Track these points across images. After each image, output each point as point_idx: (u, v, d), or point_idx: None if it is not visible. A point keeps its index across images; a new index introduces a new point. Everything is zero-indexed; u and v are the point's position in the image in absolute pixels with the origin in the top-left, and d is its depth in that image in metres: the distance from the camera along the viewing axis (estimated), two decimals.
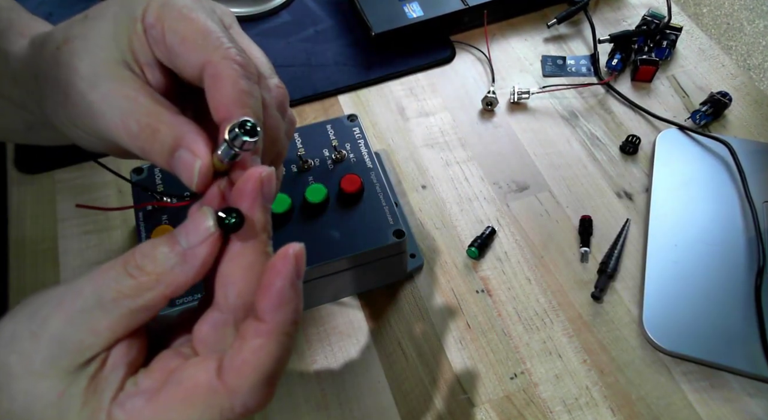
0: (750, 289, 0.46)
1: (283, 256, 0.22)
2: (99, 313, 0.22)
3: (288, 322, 0.22)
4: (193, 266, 0.22)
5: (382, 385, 0.43)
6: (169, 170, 0.25)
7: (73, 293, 0.22)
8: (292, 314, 0.22)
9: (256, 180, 0.23)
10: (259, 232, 0.24)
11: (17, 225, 0.51)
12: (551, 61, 0.62)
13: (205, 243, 0.22)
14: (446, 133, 0.57)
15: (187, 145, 0.24)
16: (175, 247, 0.22)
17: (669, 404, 0.43)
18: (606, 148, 0.56)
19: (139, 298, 0.22)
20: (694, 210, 0.51)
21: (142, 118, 0.24)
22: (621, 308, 0.47)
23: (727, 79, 0.61)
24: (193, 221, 0.23)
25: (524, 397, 0.43)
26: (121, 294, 0.22)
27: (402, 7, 0.62)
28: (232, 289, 0.23)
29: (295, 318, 0.23)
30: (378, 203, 0.44)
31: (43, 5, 0.65)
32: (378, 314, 0.46)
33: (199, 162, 0.24)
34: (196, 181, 0.24)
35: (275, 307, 0.22)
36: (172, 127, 0.25)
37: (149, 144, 0.25)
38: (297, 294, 0.23)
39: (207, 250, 0.22)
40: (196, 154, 0.24)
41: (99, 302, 0.22)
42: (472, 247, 0.49)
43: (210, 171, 0.24)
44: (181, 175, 0.25)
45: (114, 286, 0.22)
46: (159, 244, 0.23)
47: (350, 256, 0.42)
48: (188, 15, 0.25)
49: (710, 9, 1.81)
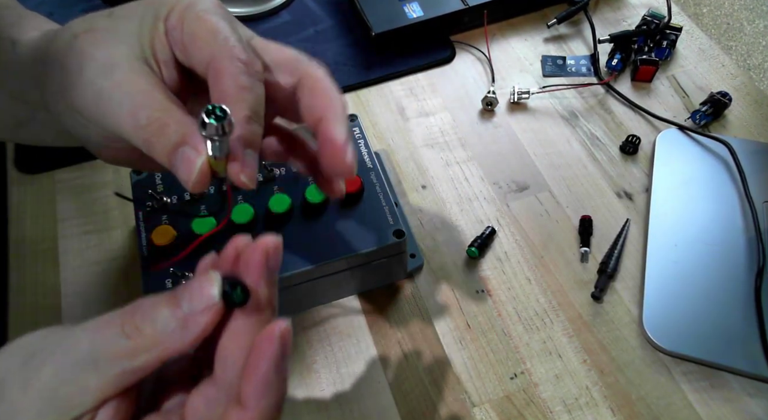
0: (750, 289, 0.46)
1: (268, 336, 0.22)
2: (91, 370, 0.21)
3: (271, 408, 0.22)
4: (191, 333, 0.22)
5: (382, 385, 0.43)
6: (166, 165, 0.25)
7: (69, 344, 0.22)
8: (275, 398, 0.22)
9: (261, 252, 0.23)
10: (264, 309, 0.24)
11: (17, 225, 0.51)
12: (551, 61, 0.62)
13: (207, 312, 0.22)
14: (446, 133, 0.57)
15: (192, 143, 0.24)
16: (176, 310, 0.22)
17: (669, 404, 0.43)
18: (606, 148, 0.56)
19: (133, 359, 0.22)
20: (694, 210, 0.51)
21: (153, 111, 0.25)
22: (621, 308, 0.47)
23: (727, 79, 0.61)
24: (199, 285, 0.22)
25: (524, 397, 0.43)
26: (116, 354, 0.21)
27: (402, 7, 0.62)
28: (231, 368, 0.23)
29: (278, 402, 0.22)
30: (378, 203, 0.44)
31: (43, 5, 0.65)
32: (378, 314, 0.46)
33: (201, 158, 0.24)
34: (195, 177, 0.24)
35: (260, 394, 0.22)
36: (181, 124, 0.25)
37: (155, 137, 0.25)
38: (282, 377, 0.22)
39: (208, 319, 0.22)
40: (200, 151, 0.24)
41: (93, 359, 0.21)
42: (472, 247, 0.49)
43: (209, 171, 0.25)
44: (179, 171, 0.25)
45: (110, 345, 0.22)
46: (160, 304, 0.22)
47: (350, 256, 0.42)
48: (203, 17, 0.26)
49: (710, 9, 1.81)
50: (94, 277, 0.48)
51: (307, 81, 0.27)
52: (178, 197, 0.43)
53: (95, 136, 0.28)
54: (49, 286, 0.47)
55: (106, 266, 0.48)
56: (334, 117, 0.27)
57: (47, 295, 0.47)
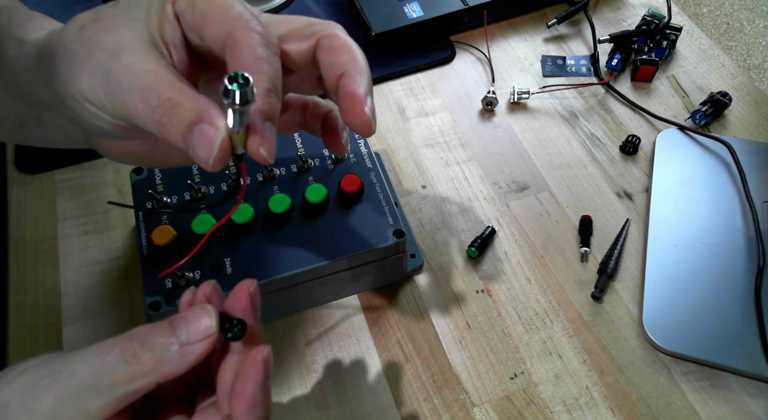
0: (750, 289, 0.46)
1: (253, 361, 0.24)
2: (92, 396, 0.23)
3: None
4: (188, 360, 0.23)
5: (382, 385, 0.43)
6: (182, 147, 0.25)
7: (69, 372, 0.23)
8: (263, 413, 0.24)
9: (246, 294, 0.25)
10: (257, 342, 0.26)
11: (17, 225, 0.51)
12: (551, 61, 0.62)
13: (204, 342, 0.24)
14: (446, 133, 0.57)
15: (209, 120, 0.24)
16: (172, 339, 0.23)
17: (669, 404, 0.43)
18: (606, 148, 0.56)
19: (132, 384, 0.23)
20: (694, 210, 0.51)
21: (163, 92, 0.24)
22: (621, 308, 0.47)
23: (727, 79, 0.61)
24: (196, 316, 0.24)
25: (524, 397, 0.43)
26: (116, 380, 0.23)
27: (402, 7, 0.62)
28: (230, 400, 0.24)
29: (265, 417, 0.24)
30: (378, 203, 0.44)
31: (42, 5, 0.65)
32: (378, 314, 0.46)
33: (221, 134, 0.24)
34: (216, 154, 0.24)
35: (246, 411, 0.23)
36: (195, 102, 0.24)
37: (167, 117, 0.24)
38: (267, 395, 0.24)
39: (204, 348, 0.24)
40: (219, 128, 0.24)
41: (93, 386, 0.23)
42: (472, 247, 0.49)
43: (229, 146, 0.24)
44: (197, 150, 0.24)
45: (110, 371, 0.23)
46: (158, 332, 0.23)
47: (350, 256, 0.42)
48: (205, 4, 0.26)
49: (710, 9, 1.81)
50: (94, 277, 0.48)
51: (325, 41, 0.27)
52: (178, 197, 0.43)
53: (105, 125, 0.27)
54: (49, 286, 0.47)
55: (106, 266, 0.48)
56: (356, 71, 0.27)
57: (47, 295, 0.47)
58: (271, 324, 0.46)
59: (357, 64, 0.27)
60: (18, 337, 0.45)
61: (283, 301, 0.44)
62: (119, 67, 0.25)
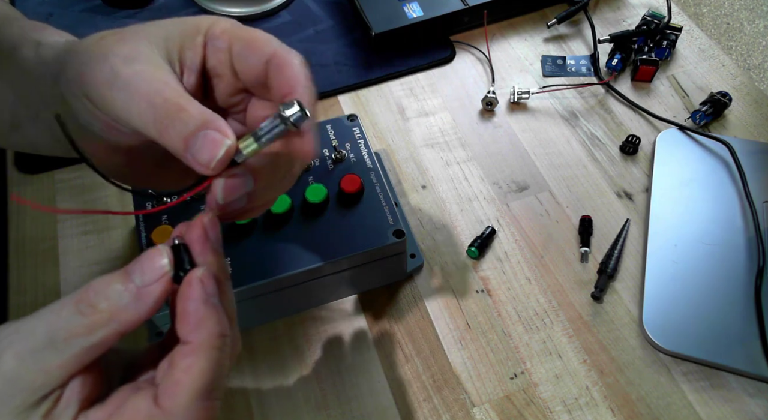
0: (750, 289, 0.46)
1: (188, 282, 0.24)
2: (51, 352, 0.22)
3: (213, 336, 0.23)
4: (146, 304, 0.23)
5: (382, 385, 0.43)
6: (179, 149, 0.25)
7: (25, 332, 0.22)
8: (215, 328, 0.24)
9: (200, 226, 0.25)
10: (221, 279, 0.26)
11: (17, 225, 0.51)
12: (551, 61, 0.62)
13: (159, 282, 0.23)
14: (446, 133, 0.57)
15: (217, 128, 0.25)
16: (128, 284, 0.23)
17: (669, 404, 0.43)
18: (606, 148, 0.56)
19: (91, 336, 0.22)
20: (694, 210, 0.51)
21: (170, 96, 0.25)
22: (621, 308, 0.47)
23: (727, 79, 0.61)
24: (149, 258, 0.24)
25: (524, 397, 0.43)
26: (73, 333, 0.22)
27: (402, 7, 0.62)
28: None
29: (219, 331, 0.24)
30: (378, 203, 0.44)
31: (43, 5, 0.65)
32: (378, 314, 0.46)
33: (229, 141, 0.25)
34: (221, 157, 0.25)
35: (194, 327, 0.23)
36: (202, 111, 0.25)
37: (170, 119, 0.25)
38: (215, 309, 0.24)
39: (160, 288, 0.23)
40: (227, 135, 0.25)
41: (51, 342, 0.22)
42: (472, 247, 0.49)
43: (233, 153, 0.25)
44: (200, 151, 0.25)
45: (65, 325, 0.22)
46: (112, 280, 0.23)
47: (350, 256, 0.42)
48: (251, 29, 0.29)
49: (710, 9, 1.81)
50: (94, 277, 0.47)
51: (275, 60, 0.28)
52: (178, 197, 0.43)
53: (98, 125, 0.28)
54: (49, 286, 0.47)
55: (106, 266, 0.48)
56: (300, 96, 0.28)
57: (47, 295, 0.47)
58: (271, 324, 0.46)
59: (299, 91, 0.28)
60: None
61: (283, 301, 0.44)
62: (130, 72, 0.26)
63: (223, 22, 0.28)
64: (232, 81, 0.29)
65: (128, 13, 0.65)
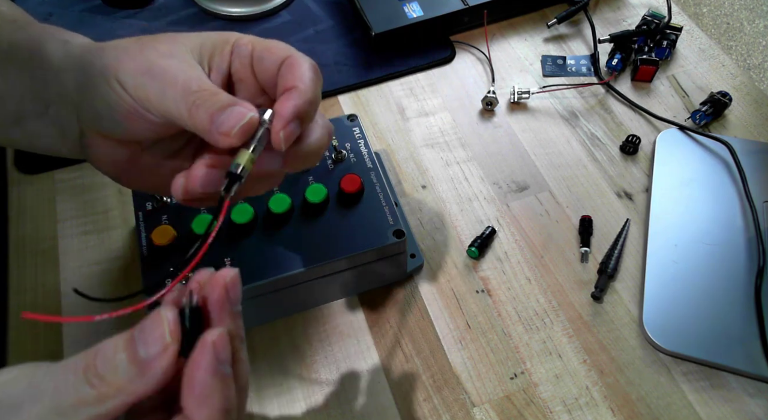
0: (750, 289, 0.46)
1: (201, 345, 0.23)
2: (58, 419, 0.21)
3: (216, 412, 0.22)
4: (152, 378, 0.22)
5: (382, 385, 0.43)
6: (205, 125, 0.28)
7: (32, 398, 0.22)
8: (221, 403, 0.22)
9: (221, 288, 0.24)
10: (237, 344, 0.25)
11: (17, 225, 0.51)
12: (551, 61, 0.62)
13: (163, 355, 0.22)
14: (446, 133, 0.57)
15: (243, 105, 0.28)
16: (134, 355, 0.22)
17: (669, 404, 0.43)
18: (606, 148, 0.56)
19: (100, 406, 0.22)
20: (694, 210, 0.51)
21: (204, 85, 0.28)
22: (621, 308, 0.47)
23: (727, 79, 0.61)
24: (151, 327, 0.23)
25: (524, 397, 0.43)
26: (81, 402, 0.22)
27: (402, 7, 0.62)
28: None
29: (224, 407, 0.23)
30: (378, 203, 0.44)
31: (43, 5, 0.65)
32: (378, 314, 0.46)
33: (252, 113, 0.28)
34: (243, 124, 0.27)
35: (198, 401, 0.22)
36: (231, 98, 0.28)
37: (202, 100, 0.28)
38: (223, 382, 0.23)
39: (165, 363, 0.22)
40: (251, 110, 0.28)
41: (57, 409, 0.21)
42: (472, 247, 0.49)
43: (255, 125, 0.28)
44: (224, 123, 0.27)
45: (74, 393, 0.22)
46: (118, 349, 0.22)
47: (350, 256, 0.42)
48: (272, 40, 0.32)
49: (710, 9, 1.81)
50: (94, 277, 0.48)
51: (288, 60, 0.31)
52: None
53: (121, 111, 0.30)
54: (49, 286, 0.47)
55: (106, 266, 0.48)
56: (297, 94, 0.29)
57: (47, 295, 0.47)
58: (271, 324, 0.46)
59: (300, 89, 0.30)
60: (18, 337, 0.45)
61: (283, 301, 0.44)
62: (166, 63, 0.29)
63: (248, 36, 0.32)
64: (253, 85, 0.32)
65: (128, 13, 0.65)
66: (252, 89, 0.32)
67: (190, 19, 0.65)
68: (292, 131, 0.29)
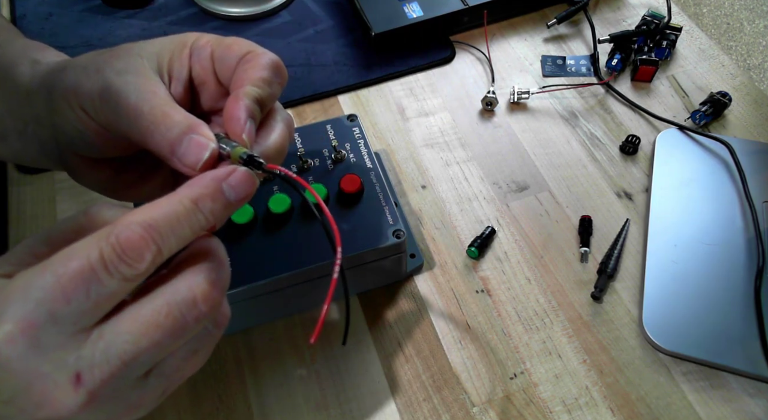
0: (750, 289, 0.46)
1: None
2: None
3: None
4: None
5: (382, 385, 0.43)
6: (166, 153, 0.27)
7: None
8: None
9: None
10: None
11: (17, 225, 0.51)
12: (551, 61, 0.62)
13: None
14: (446, 133, 0.57)
15: (202, 132, 0.27)
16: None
17: (669, 404, 0.43)
18: (606, 148, 0.56)
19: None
20: (694, 210, 0.51)
21: (157, 104, 0.27)
22: (621, 308, 0.47)
23: (727, 79, 0.61)
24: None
25: (524, 397, 0.43)
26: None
27: (402, 7, 0.62)
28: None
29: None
30: (378, 203, 0.44)
31: (43, 5, 0.65)
32: (378, 314, 0.46)
33: (213, 144, 0.27)
34: (206, 158, 0.27)
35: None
36: (186, 117, 0.28)
37: (156, 125, 0.27)
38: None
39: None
40: (211, 139, 0.27)
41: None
42: (472, 247, 0.49)
43: (216, 155, 0.27)
44: (186, 154, 0.27)
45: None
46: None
47: (350, 256, 0.42)
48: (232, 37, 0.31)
49: (710, 9, 1.81)
50: None
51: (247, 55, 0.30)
52: None
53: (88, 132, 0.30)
54: None
55: None
56: (245, 93, 0.29)
57: None
58: (271, 324, 0.46)
59: (252, 85, 0.30)
60: None
61: (283, 301, 0.44)
62: (122, 82, 0.28)
63: (207, 36, 0.31)
64: (214, 86, 0.31)
65: (128, 13, 0.65)
66: (214, 92, 0.32)
67: (189, 19, 0.65)
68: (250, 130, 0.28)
